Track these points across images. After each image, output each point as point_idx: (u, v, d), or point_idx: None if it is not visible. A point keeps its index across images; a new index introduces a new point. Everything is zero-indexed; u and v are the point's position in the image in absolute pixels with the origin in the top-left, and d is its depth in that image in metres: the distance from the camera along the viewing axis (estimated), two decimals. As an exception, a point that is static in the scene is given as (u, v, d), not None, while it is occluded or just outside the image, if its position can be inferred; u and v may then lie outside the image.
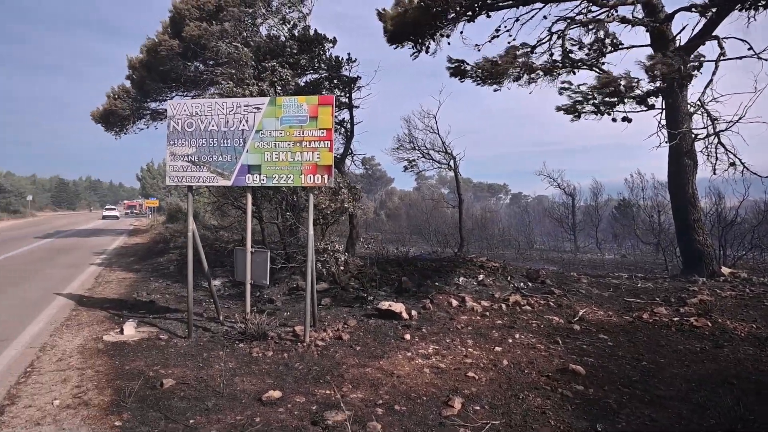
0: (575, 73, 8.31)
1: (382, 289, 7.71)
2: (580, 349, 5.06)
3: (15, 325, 6.06)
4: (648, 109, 8.12)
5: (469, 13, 8.00)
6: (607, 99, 7.36)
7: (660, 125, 8.73)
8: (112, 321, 6.31)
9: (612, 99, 7.38)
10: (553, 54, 7.97)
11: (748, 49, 8.21)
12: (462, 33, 8.41)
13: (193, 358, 4.78)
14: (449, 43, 8.69)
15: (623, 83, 7.03)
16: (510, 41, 8.32)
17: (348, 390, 3.96)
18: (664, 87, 7.15)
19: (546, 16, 8.26)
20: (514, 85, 8.34)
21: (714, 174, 9.14)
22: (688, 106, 8.98)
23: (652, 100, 7.96)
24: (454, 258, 9.86)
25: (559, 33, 7.89)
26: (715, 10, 8.04)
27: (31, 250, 15.30)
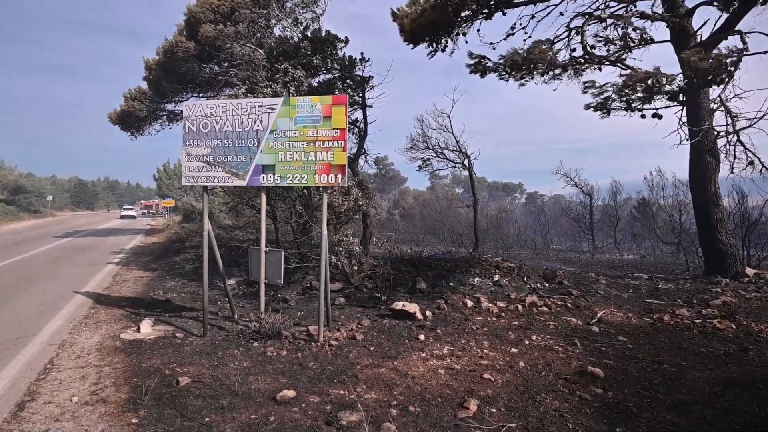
0: (600, 69, 8.21)
1: (396, 290, 7.68)
2: (599, 351, 4.96)
3: (36, 323, 6.19)
4: (679, 105, 7.94)
5: (486, 10, 7.93)
6: (642, 95, 7.19)
7: (681, 122, 8.55)
8: (129, 319, 6.40)
9: (646, 95, 7.21)
10: (575, 50, 7.88)
11: (773, 43, 7.98)
12: (479, 31, 8.37)
13: (208, 357, 4.81)
14: (467, 42, 8.65)
15: (657, 79, 6.86)
16: (525, 39, 8.25)
17: (362, 390, 3.94)
18: (694, 84, 6.97)
19: (562, 13, 8.19)
20: (531, 82, 8.25)
21: (732, 172, 8.99)
22: (710, 103, 8.78)
23: (683, 96, 7.78)
24: (468, 258, 9.77)
25: (578, 29, 7.78)
26: (738, 4, 7.83)
27: (50, 249, 15.64)
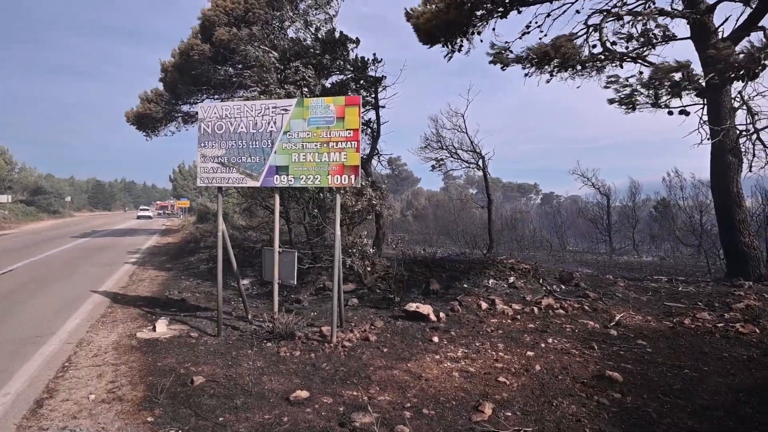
0: (622, 66, 8.07)
1: (410, 291, 7.64)
2: (617, 355, 4.86)
3: (54, 321, 6.31)
4: (700, 104, 7.78)
5: (501, 9, 7.86)
6: (669, 89, 7.03)
7: (702, 121, 8.35)
8: (145, 318, 6.49)
9: (674, 89, 7.05)
10: (595, 46, 7.75)
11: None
12: (494, 30, 8.30)
13: (222, 357, 4.84)
14: (482, 41, 8.59)
15: (687, 72, 6.70)
16: (541, 37, 8.15)
17: (375, 392, 3.92)
18: (725, 77, 6.79)
19: (579, 11, 8.04)
20: (548, 77, 8.13)
21: (750, 171, 8.83)
22: (732, 101, 8.57)
23: (705, 93, 7.60)
24: (483, 259, 9.67)
25: (596, 26, 7.66)
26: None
27: (69, 249, 15.97)
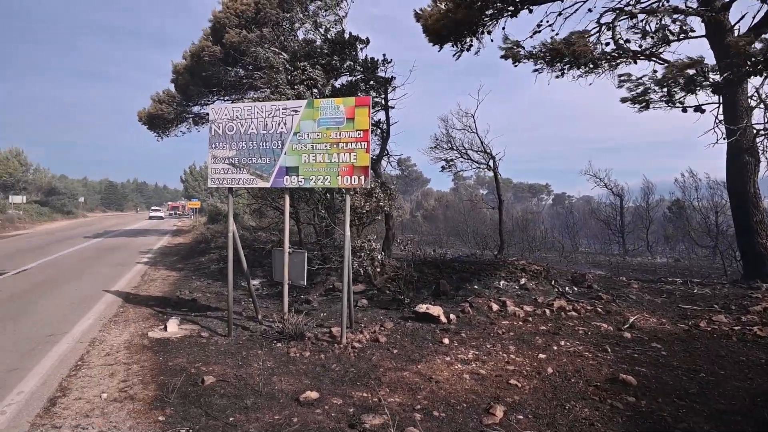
0: (636, 62, 7.95)
1: (419, 292, 7.60)
2: (631, 358, 4.78)
3: (67, 320, 6.38)
4: (716, 103, 7.63)
5: (511, 8, 7.79)
6: (683, 85, 6.90)
7: (717, 121, 8.19)
8: (157, 318, 6.54)
9: (689, 86, 6.92)
10: (608, 44, 7.64)
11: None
12: (504, 29, 8.23)
13: (232, 357, 4.86)
14: (491, 40, 8.52)
15: (701, 68, 6.57)
16: (553, 36, 8.06)
17: (385, 394, 3.89)
18: (743, 72, 6.65)
19: (591, 9, 7.94)
20: (562, 76, 8.04)
21: None
22: (748, 100, 8.40)
23: (722, 90, 7.45)
24: (493, 261, 9.59)
25: (608, 25, 7.56)
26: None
27: (82, 249, 16.18)
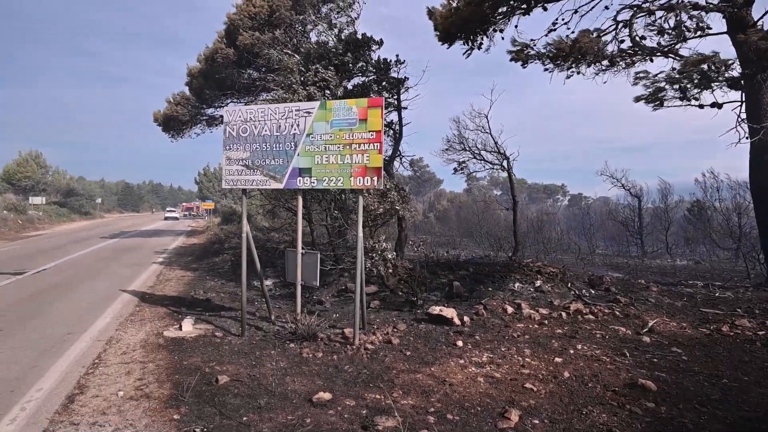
0: (652, 60, 7.78)
1: (432, 294, 7.55)
2: (651, 362, 4.67)
3: (85, 319, 6.48)
4: (741, 92, 7.40)
5: (524, 6, 7.69)
6: (697, 81, 6.72)
7: (739, 119, 7.96)
8: (172, 317, 6.60)
9: (703, 81, 6.74)
10: (623, 41, 7.50)
11: None
12: (516, 27, 8.11)
13: (246, 356, 4.87)
14: (503, 38, 8.40)
15: (714, 63, 6.40)
16: (569, 34, 7.93)
17: (398, 396, 3.86)
18: (749, 75, 6.46)
19: (608, 6, 7.77)
20: (577, 75, 7.91)
21: None
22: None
23: (743, 83, 7.22)
24: (508, 262, 9.47)
25: (625, 22, 7.41)
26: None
27: (99, 249, 16.48)
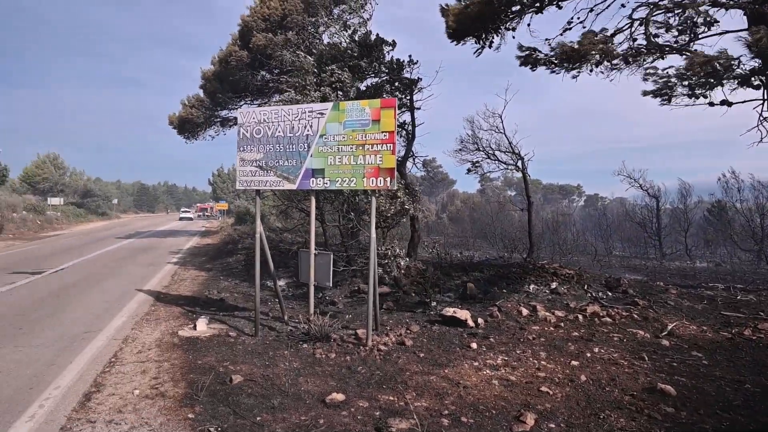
0: (663, 58, 7.61)
1: (446, 295, 7.51)
2: (670, 366, 4.57)
3: (102, 318, 6.58)
4: (754, 89, 7.19)
5: (537, 4, 7.60)
6: (705, 79, 6.56)
7: (762, 118, 7.75)
8: (186, 317, 6.67)
9: (712, 79, 6.58)
10: (636, 39, 7.35)
11: None
12: (529, 26, 8.00)
13: (259, 356, 4.89)
14: (514, 37, 8.28)
15: (723, 62, 6.24)
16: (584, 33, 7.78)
17: (412, 398, 3.83)
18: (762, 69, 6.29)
19: (624, 4, 7.64)
20: (588, 76, 7.78)
21: None
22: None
23: (757, 80, 7.00)
24: (522, 264, 9.36)
25: (642, 19, 7.27)
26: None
27: (115, 249, 16.74)
